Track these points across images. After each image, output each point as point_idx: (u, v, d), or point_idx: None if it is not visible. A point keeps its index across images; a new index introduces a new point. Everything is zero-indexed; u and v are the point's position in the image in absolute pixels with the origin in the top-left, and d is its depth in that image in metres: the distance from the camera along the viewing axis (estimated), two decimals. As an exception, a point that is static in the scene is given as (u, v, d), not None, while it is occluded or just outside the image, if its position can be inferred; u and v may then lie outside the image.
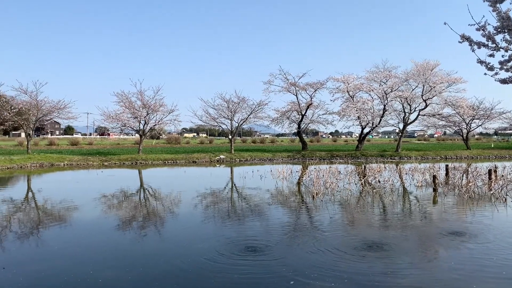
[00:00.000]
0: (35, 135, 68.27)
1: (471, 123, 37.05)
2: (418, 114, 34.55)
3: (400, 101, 34.25)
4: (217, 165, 26.62)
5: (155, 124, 32.79)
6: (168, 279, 5.53)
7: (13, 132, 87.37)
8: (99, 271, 5.80)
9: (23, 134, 54.56)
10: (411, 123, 35.33)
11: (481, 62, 5.10)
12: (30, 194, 14.17)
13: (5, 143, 52.73)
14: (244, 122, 34.59)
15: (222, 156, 30.28)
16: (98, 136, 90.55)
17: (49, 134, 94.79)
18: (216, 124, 34.71)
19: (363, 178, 15.70)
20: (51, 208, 11.24)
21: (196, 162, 28.35)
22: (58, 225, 9.06)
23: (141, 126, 31.40)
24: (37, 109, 29.10)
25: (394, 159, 30.99)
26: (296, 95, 35.38)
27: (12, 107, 28.85)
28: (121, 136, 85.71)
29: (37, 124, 32.35)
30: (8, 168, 22.89)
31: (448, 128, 41.75)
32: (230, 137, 34.15)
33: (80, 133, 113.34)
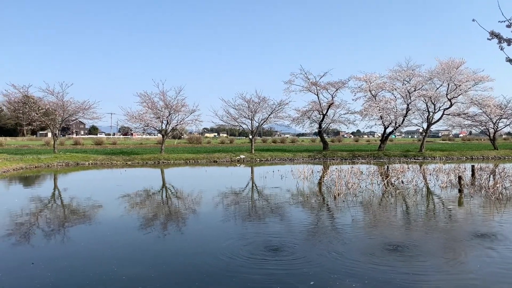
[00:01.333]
0: (61, 135, 70.13)
1: (498, 122, 35.95)
2: (443, 114, 33.79)
3: (424, 100, 33.56)
4: (238, 165, 26.72)
5: (177, 124, 33.15)
6: (190, 277, 5.59)
7: (40, 132, 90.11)
8: (123, 268, 5.92)
9: (49, 134, 56.19)
10: (435, 122, 34.58)
11: (510, 60, 4.94)
12: (56, 192, 14.57)
13: (33, 142, 54.38)
14: (264, 122, 34.58)
15: (242, 156, 30.37)
16: (122, 136, 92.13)
17: (75, 134, 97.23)
18: (236, 124, 34.82)
19: (385, 179, 15.47)
20: (76, 206, 11.53)
21: (217, 161, 28.55)
22: (83, 223, 9.30)
23: (163, 126, 31.85)
24: (63, 109, 29.90)
25: (417, 159, 30.40)
26: (317, 95, 35.19)
27: (40, 108, 29.75)
28: (144, 136, 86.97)
29: (63, 124, 33.23)
30: (35, 167, 23.60)
31: (474, 128, 40.63)
32: (250, 137, 34.22)
33: (104, 133, 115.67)
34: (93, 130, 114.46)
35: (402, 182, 15.56)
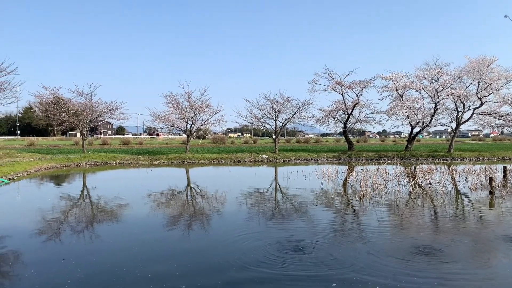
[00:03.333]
0: (90, 135, 71.87)
1: (532, 122, 34.58)
2: (473, 113, 32.76)
3: (452, 100, 32.63)
4: (261, 165, 26.75)
5: (202, 124, 33.49)
6: (214, 276, 5.64)
7: (70, 132, 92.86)
8: (149, 265, 6.04)
9: (78, 134, 57.78)
10: (464, 122, 33.58)
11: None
12: (85, 191, 14.98)
13: (63, 142, 56.11)
14: (288, 122, 34.42)
15: (266, 156, 30.39)
16: (148, 136, 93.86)
17: (102, 134, 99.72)
18: (260, 124, 34.79)
19: (412, 180, 15.15)
20: (104, 204, 11.84)
21: (240, 161, 28.67)
22: (111, 221, 9.54)
23: (188, 126, 32.24)
24: (91, 110, 30.72)
25: (446, 160, 29.62)
26: (342, 94, 34.79)
27: (69, 109, 30.68)
28: (169, 136, 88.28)
29: (92, 125, 34.12)
30: (65, 166, 24.35)
31: (506, 128, 39.16)
32: (274, 137, 34.18)
33: (131, 133, 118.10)
34: (120, 130, 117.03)
35: (430, 183, 15.20)
